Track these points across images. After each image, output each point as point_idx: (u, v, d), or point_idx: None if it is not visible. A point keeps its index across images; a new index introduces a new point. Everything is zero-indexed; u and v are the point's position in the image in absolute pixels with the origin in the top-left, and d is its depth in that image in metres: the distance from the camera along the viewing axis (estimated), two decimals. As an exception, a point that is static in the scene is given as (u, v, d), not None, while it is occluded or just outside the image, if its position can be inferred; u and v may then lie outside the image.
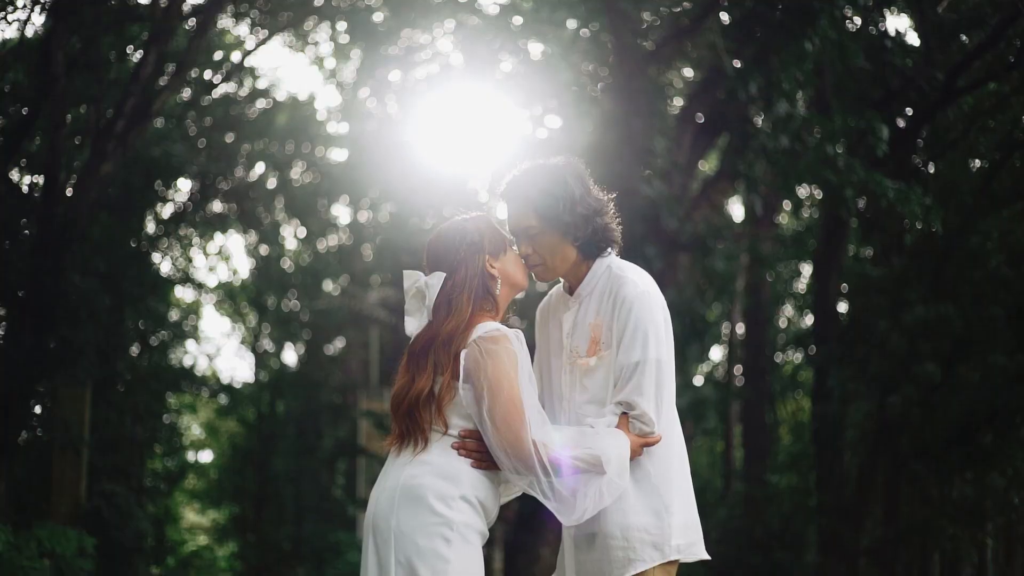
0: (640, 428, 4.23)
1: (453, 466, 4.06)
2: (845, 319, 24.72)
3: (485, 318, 4.20)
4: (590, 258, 4.50)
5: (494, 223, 4.44)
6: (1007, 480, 23.32)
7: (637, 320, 4.25)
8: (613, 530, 4.26)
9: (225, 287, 35.58)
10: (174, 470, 33.65)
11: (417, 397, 4.10)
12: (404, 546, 3.98)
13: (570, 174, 4.45)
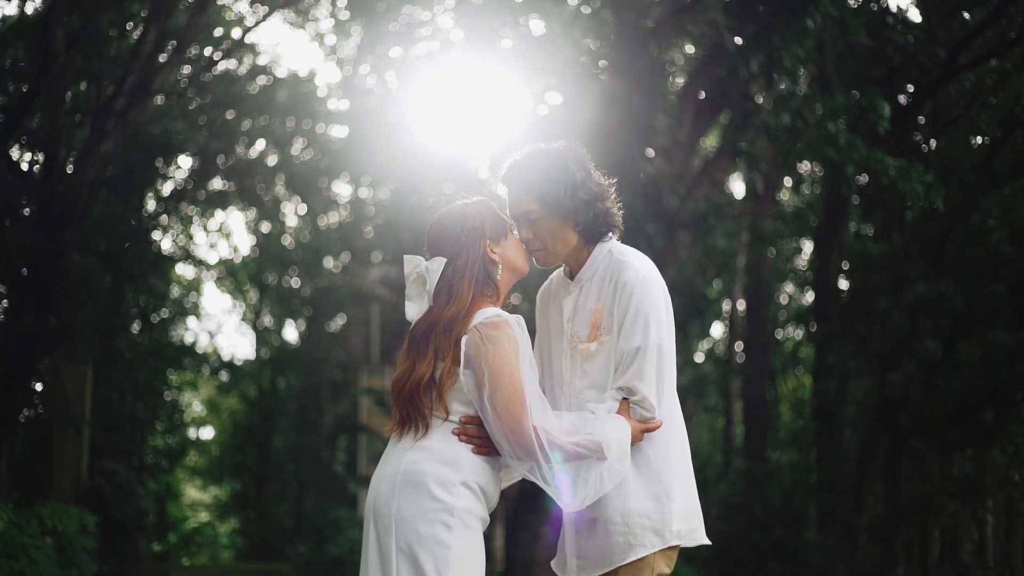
0: (641, 414, 4.22)
1: (454, 452, 4.05)
2: (846, 296, 24.72)
3: (486, 304, 4.19)
4: (591, 243, 4.48)
5: (495, 208, 4.42)
6: (1007, 457, 23.37)
7: (638, 305, 4.23)
8: (614, 516, 4.25)
9: (226, 264, 35.60)
10: (175, 447, 33.72)
11: (418, 383, 4.09)
12: (405, 532, 3.97)
13: (571, 158, 4.43)
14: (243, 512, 37.25)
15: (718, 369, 31.93)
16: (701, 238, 19.60)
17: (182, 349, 30.96)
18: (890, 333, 21.21)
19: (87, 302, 17.50)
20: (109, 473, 20.04)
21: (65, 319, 16.93)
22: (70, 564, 16.05)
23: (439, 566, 3.91)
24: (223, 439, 39.04)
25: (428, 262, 4.23)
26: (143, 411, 26.05)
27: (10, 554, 14.03)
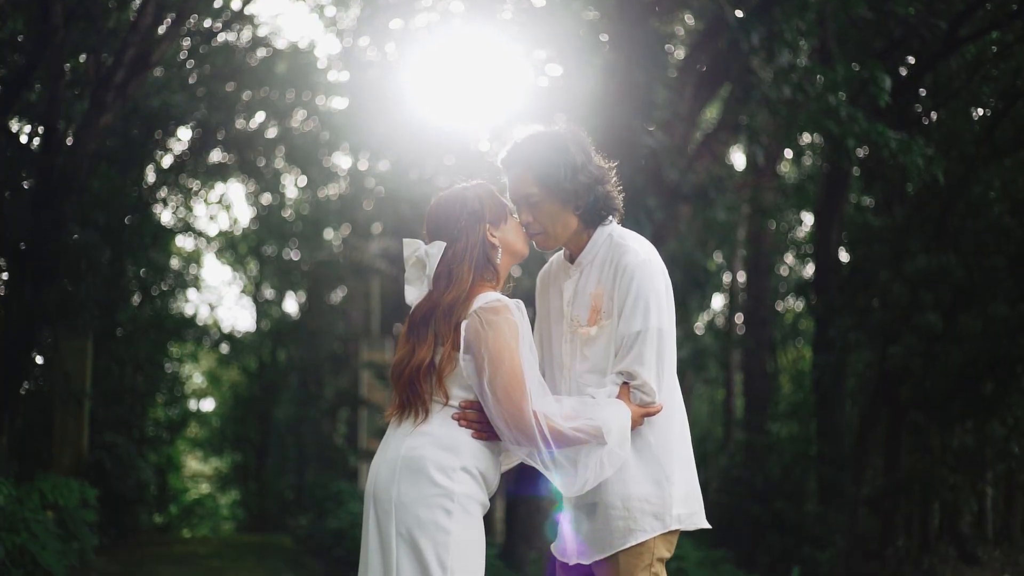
0: (641, 398, 4.21)
1: (454, 437, 4.04)
2: (846, 269, 24.71)
3: (486, 288, 4.17)
4: (591, 226, 4.46)
5: (495, 191, 4.39)
6: (1007, 429, 23.41)
7: (639, 289, 4.21)
8: (614, 500, 4.25)
9: (226, 236, 35.58)
10: (176, 419, 33.74)
11: (418, 368, 4.08)
12: (405, 517, 3.97)
13: (572, 142, 4.40)
14: (244, 484, 37.35)
15: (718, 342, 31.94)
16: (701, 211, 19.58)
17: (182, 321, 30.97)
18: (890, 306, 21.22)
19: (87, 276, 17.50)
20: (110, 446, 20.08)
21: (65, 293, 16.94)
22: (71, 537, 16.10)
23: (439, 551, 3.91)
24: (224, 411, 39.11)
25: (428, 246, 4.22)
26: (143, 384, 26.07)
27: (11, 528, 14.06)
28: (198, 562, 20.52)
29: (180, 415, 34.58)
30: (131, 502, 20.69)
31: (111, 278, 20.74)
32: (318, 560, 21.40)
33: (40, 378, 19.62)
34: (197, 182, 28.99)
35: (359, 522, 19.84)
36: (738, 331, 33.09)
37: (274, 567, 20.85)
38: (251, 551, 23.01)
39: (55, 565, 14.59)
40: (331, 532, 20.89)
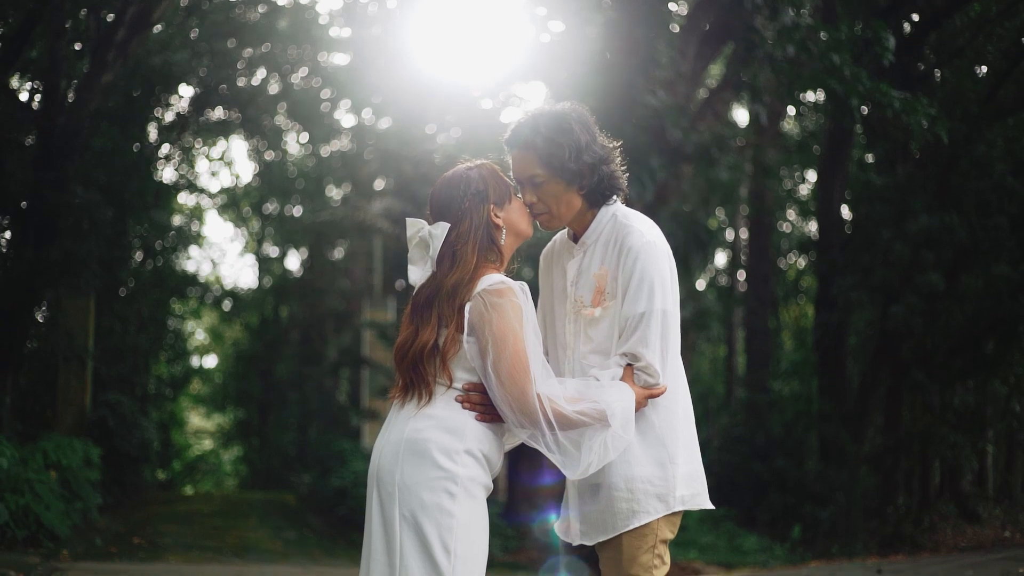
0: (645, 380, 4.20)
1: (457, 420, 4.02)
2: (849, 227, 24.69)
3: (490, 269, 4.15)
4: (595, 206, 4.43)
5: (498, 171, 4.36)
6: (1008, 388, 23.46)
7: (643, 270, 4.19)
8: (617, 481, 4.24)
9: (227, 193, 35.57)
10: (178, 375, 33.83)
11: (421, 350, 4.06)
12: (408, 500, 3.96)
13: (576, 121, 4.37)
14: (246, 440, 37.50)
15: (720, 299, 31.91)
16: (704, 171, 19.54)
17: (185, 278, 30.98)
18: (893, 265, 21.21)
19: (89, 235, 17.46)
20: (113, 404, 20.12)
21: (67, 252, 16.92)
22: (74, 497, 16.18)
23: (443, 534, 3.90)
24: (226, 367, 39.23)
25: (431, 227, 4.19)
26: (146, 341, 26.10)
27: (14, 489, 14.13)
28: (201, 520, 20.61)
29: (183, 372, 34.70)
30: (134, 460, 20.74)
31: (113, 237, 20.71)
32: (320, 518, 21.51)
33: (43, 337, 19.64)
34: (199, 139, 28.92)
35: (362, 481, 19.93)
36: (740, 288, 33.07)
37: (277, 525, 20.94)
38: (254, 509, 23.11)
39: (59, 525, 14.66)
40: (334, 490, 21.00)
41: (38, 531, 14.38)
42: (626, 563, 4.28)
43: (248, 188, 36.07)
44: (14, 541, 13.90)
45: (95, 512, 17.20)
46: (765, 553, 20.67)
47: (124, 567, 14.64)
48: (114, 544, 16.59)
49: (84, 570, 13.61)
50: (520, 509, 19.63)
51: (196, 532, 19.13)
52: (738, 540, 21.07)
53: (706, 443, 25.73)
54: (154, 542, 17.51)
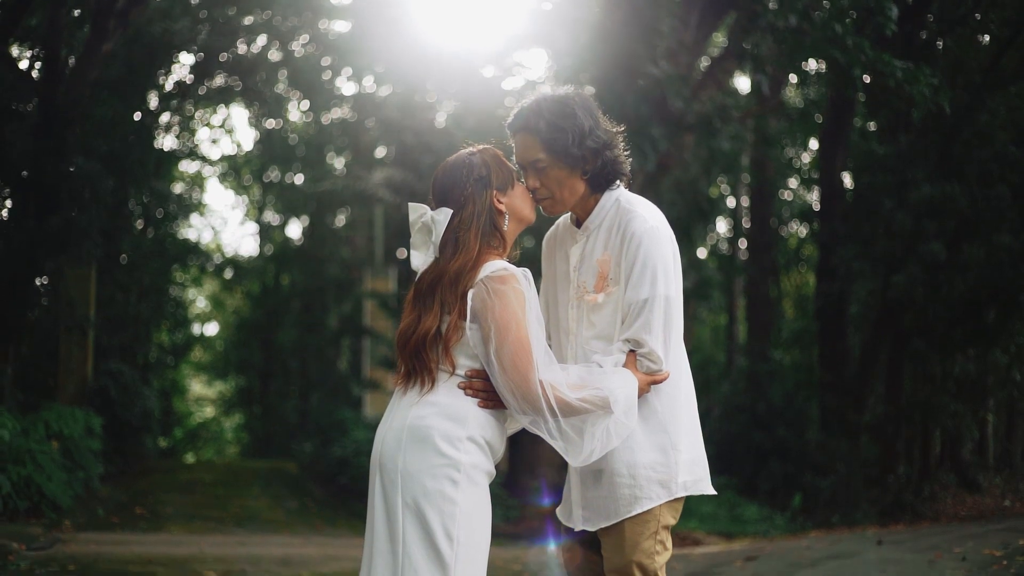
0: (648, 366, 4.19)
1: (460, 407, 4.02)
2: (850, 196, 24.64)
3: (493, 256, 4.13)
4: (598, 191, 4.42)
5: (501, 156, 4.34)
6: (1009, 357, 23.44)
7: (646, 256, 4.18)
8: (620, 467, 4.24)
9: (228, 160, 35.52)
10: (180, 343, 33.85)
11: (424, 337, 4.05)
12: (411, 487, 3.96)
13: (579, 106, 4.35)
14: (248, 408, 37.56)
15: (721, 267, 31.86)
16: (705, 141, 19.49)
17: (186, 247, 30.96)
18: (894, 235, 21.18)
19: (89, 204, 17.44)
20: (114, 374, 20.14)
21: (68, 222, 16.91)
22: (76, 467, 16.22)
23: (445, 522, 3.91)
24: (227, 335, 39.26)
25: (434, 212, 4.18)
26: (147, 310, 26.11)
27: (16, 460, 14.16)
28: (203, 490, 20.65)
29: (184, 339, 34.73)
30: (136, 429, 20.78)
31: (114, 206, 20.69)
32: (322, 487, 21.55)
33: (44, 307, 19.65)
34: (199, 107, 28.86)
35: (363, 450, 19.94)
36: (741, 257, 33.05)
37: (278, 494, 20.99)
38: (256, 477, 23.16)
39: (60, 496, 14.70)
40: (335, 460, 21.02)
41: (40, 501, 14.42)
42: (628, 549, 4.29)
43: (249, 156, 36.02)
44: (16, 512, 13.94)
45: (97, 482, 17.24)
46: (765, 523, 20.73)
47: (126, 537, 14.70)
48: (116, 514, 16.64)
49: (86, 541, 13.66)
50: (521, 479, 19.67)
51: (198, 501, 19.17)
52: (738, 509, 21.14)
53: (707, 412, 25.77)
54: (156, 512, 17.56)
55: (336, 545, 15.35)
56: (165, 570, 11.75)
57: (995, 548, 12.74)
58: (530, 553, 15.18)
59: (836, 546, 14.76)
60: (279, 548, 14.67)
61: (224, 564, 12.56)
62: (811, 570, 11.98)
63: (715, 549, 15.23)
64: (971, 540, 14.18)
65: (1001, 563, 11.33)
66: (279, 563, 12.99)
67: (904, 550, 13.54)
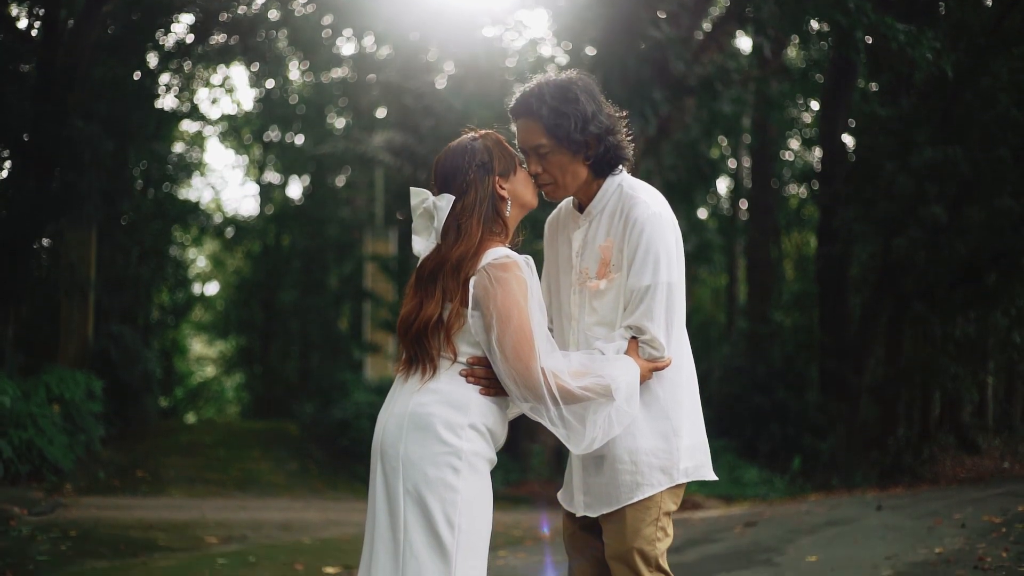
0: (650, 353, 4.18)
1: (462, 394, 4.01)
2: (852, 158, 24.60)
3: (495, 242, 4.11)
4: (601, 176, 4.39)
5: (503, 141, 4.32)
6: (1009, 320, 23.47)
7: (648, 242, 4.16)
8: (621, 454, 4.23)
9: (229, 120, 35.43)
10: (181, 303, 33.87)
11: (425, 324, 4.04)
12: (412, 475, 3.96)
13: (582, 91, 4.31)
14: (248, 367, 37.61)
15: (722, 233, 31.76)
16: (707, 104, 19.45)
17: (186, 207, 30.93)
18: (896, 198, 21.15)
19: (89, 167, 17.40)
20: (115, 336, 20.17)
21: (68, 184, 16.87)
22: (77, 430, 16.25)
23: (447, 509, 3.91)
24: (228, 295, 39.27)
25: (436, 198, 4.15)
26: (148, 272, 26.11)
27: (18, 424, 14.18)
28: (204, 452, 20.70)
29: (185, 299, 34.75)
30: (137, 391, 20.82)
31: (114, 168, 20.63)
32: (322, 449, 21.57)
33: (45, 269, 19.65)
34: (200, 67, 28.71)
35: (364, 412, 19.93)
36: (742, 217, 33.00)
37: (279, 456, 21.03)
38: (257, 439, 23.20)
39: (62, 459, 14.74)
40: (336, 422, 21.04)
41: (41, 465, 14.47)
42: (629, 536, 4.29)
43: (249, 116, 35.93)
44: (17, 476, 13.97)
45: (98, 444, 17.28)
46: (765, 486, 20.80)
47: (127, 501, 14.75)
48: (117, 477, 16.69)
49: (87, 505, 13.71)
50: (522, 443, 19.72)
51: (199, 464, 19.23)
52: (738, 472, 21.20)
53: (707, 374, 25.78)
54: (157, 475, 17.61)
55: (337, 509, 15.40)
56: (166, 535, 11.79)
57: (994, 514, 12.78)
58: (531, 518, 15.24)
59: (835, 511, 14.80)
60: (280, 512, 14.72)
61: (225, 529, 12.61)
62: (810, 537, 12.01)
63: (715, 514, 15.28)
64: (970, 506, 14.22)
65: (1000, 530, 11.36)
66: (279, 528, 13.04)
67: (903, 516, 13.58)
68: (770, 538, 12.08)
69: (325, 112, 34.61)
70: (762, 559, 10.43)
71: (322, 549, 11.59)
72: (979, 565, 9.02)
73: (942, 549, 10.21)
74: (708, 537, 12.48)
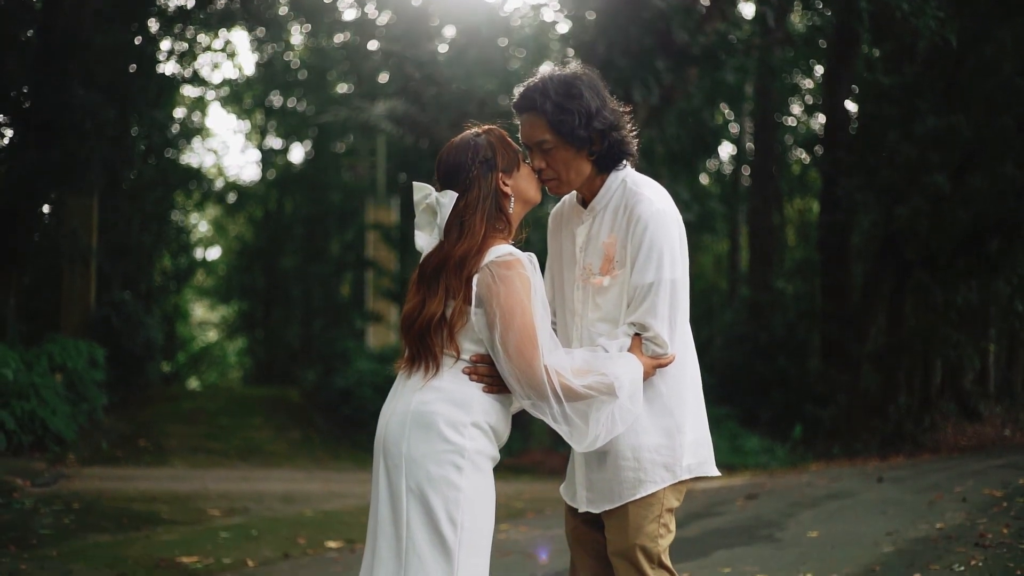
0: (653, 350, 4.17)
1: (464, 392, 4.01)
2: (854, 124, 24.54)
3: (498, 239, 4.10)
4: (605, 171, 4.38)
5: (506, 137, 4.29)
6: (1012, 287, 23.46)
7: (652, 239, 4.14)
8: (624, 450, 4.22)
9: (230, 84, 35.32)
10: (183, 268, 33.87)
11: (428, 321, 4.03)
12: (415, 472, 3.96)
13: (586, 86, 4.28)
14: (250, 332, 37.64)
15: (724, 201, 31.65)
16: (710, 74, 19.39)
17: (188, 172, 30.89)
18: (899, 166, 21.13)
19: (91, 135, 17.37)
20: (117, 304, 20.17)
21: (69, 153, 16.85)
22: (80, 399, 16.29)
23: (449, 508, 3.91)
24: (230, 260, 39.27)
25: (439, 194, 4.14)
26: (150, 238, 26.09)
27: (20, 394, 14.21)
28: (207, 420, 20.72)
29: (187, 264, 34.75)
30: (139, 359, 20.83)
31: (116, 136, 20.59)
32: (324, 417, 21.61)
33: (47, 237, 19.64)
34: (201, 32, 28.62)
35: (365, 381, 19.93)
36: (744, 183, 32.91)
37: (281, 425, 21.06)
38: (259, 406, 23.23)
39: (64, 429, 14.77)
40: (338, 390, 21.08)
41: (44, 435, 14.50)
42: (632, 532, 4.29)
43: (251, 81, 35.83)
44: (20, 447, 14.01)
45: (100, 413, 17.32)
46: (766, 454, 20.84)
47: (130, 472, 14.79)
48: (120, 447, 16.74)
49: (90, 476, 13.74)
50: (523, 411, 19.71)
51: (201, 432, 19.26)
52: (739, 441, 21.23)
53: (708, 341, 25.82)
54: (159, 444, 17.65)
55: (339, 480, 15.43)
56: (169, 508, 11.82)
57: (995, 488, 12.81)
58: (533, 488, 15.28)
59: (836, 483, 14.84)
60: (281, 483, 14.76)
61: (227, 501, 12.64)
62: (812, 510, 12.04)
63: (716, 485, 15.30)
64: (971, 478, 14.25)
65: (1001, 504, 11.39)
66: (282, 500, 13.07)
67: (904, 489, 13.62)
68: (771, 512, 12.11)
69: (327, 77, 34.51)
70: (763, 534, 10.46)
71: (324, 522, 11.63)
72: (980, 542, 9.04)
73: (943, 525, 10.24)
74: (710, 510, 12.51)
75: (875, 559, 8.74)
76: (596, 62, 17.94)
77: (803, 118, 33.74)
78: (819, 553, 9.20)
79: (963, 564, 8.18)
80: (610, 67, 17.33)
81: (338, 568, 9.19)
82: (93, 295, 19.70)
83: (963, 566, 8.12)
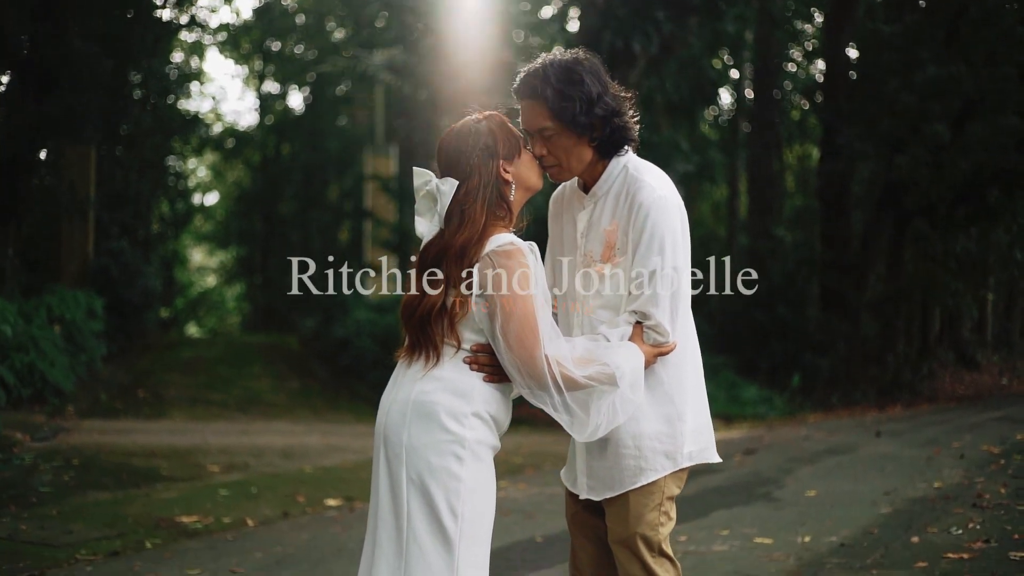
0: (655, 338, 4.15)
1: (465, 382, 3.99)
2: (855, 71, 24.45)
3: (499, 228, 4.07)
4: (606, 157, 4.34)
5: (507, 123, 4.25)
6: (1011, 236, 23.50)
7: (654, 226, 4.11)
8: (625, 438, 4.21)
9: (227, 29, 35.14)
10: (181, 213, 33.81)
11: (429, 311, 4.00)
12: (416, 462, 3.95)
13: (587, 72, 4.23)
14: (249, 277, 37.63)
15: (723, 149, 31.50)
16: (710, 24, 19.28)
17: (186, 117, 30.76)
18: (899, 116, 21.07)
19: (88, 87, 17.29)
20: (115, 253, 20.11)
21: (67, 104, 16.78)
22: (78, 350, 16.29)
23: (450, 498, 3.90)
24: (228, 205, 39.22)
25: (440, 181, 4.11)
26: (148, 186, 25.99)
27: (20, 347, 14.21)
28: (206, 369, 20.71)
29: (185, 210, 34.68)
30: (137, 308, 20.79)
31: (114, 88, 20.49)
32: (323, 366, 21.63)
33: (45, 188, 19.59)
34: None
35: (364, 331, 19.91)
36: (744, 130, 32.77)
37: (280, 374, 21.07)
38: (258, 354, 23.23)
39: (63, 381, 14.79)
40: (337, 340, 21.08)
41: (43, 388, 14.51)
42: (632, 520, 4.28)
43: (248, 25, 35.65)
44: (20, 400, 14.02)
45: (99, 363, 17.33)
46: (764, 404, 20.85)
47: (129, 425, 14.81)
48: (119, 399, 16.75)
49: (89, 429, 13.75)
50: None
51: (200, 383, 19.25)
52: (737, 390, 21.23)
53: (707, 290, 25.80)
54: (158, 394, 17.66)
55: (338, 434, 15.44)
56: (168, 463, 11.83)
57: (993, 443, 12.86)
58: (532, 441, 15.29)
59: (834, 437, 14.88)
60: (281, 437, 14.76)
61: (227, 456, 12.66)
62: (810, 467, 12.08)
63: (714, 438, 15.32)
64: (968, 432, 14.31)
65: (999, 462, 11.43)
66: (281, 455, 13.09)
67: (902, 443, 13.66)
68: (770, 468, 12.14)
69: (325, 22, 34.34)
70: (762, 492, 10.50)
71: (323, 479, 11.66)
72: (977, 503, 9.08)
73: (941, 484, 10.28)
74: (708, 467, 12.54)
75: (873, 521, 8.77)
76: (596, 12, 17.86)
77: (803, 63, 33.57)
78: (817, 513, 9.23)
79: (961, 527, 8.21)
80: (610, 17, 17.25)
81: (337, 528, 9.22)
82: (91, 245, 19.66)
83: (961, 529, 8.15)
